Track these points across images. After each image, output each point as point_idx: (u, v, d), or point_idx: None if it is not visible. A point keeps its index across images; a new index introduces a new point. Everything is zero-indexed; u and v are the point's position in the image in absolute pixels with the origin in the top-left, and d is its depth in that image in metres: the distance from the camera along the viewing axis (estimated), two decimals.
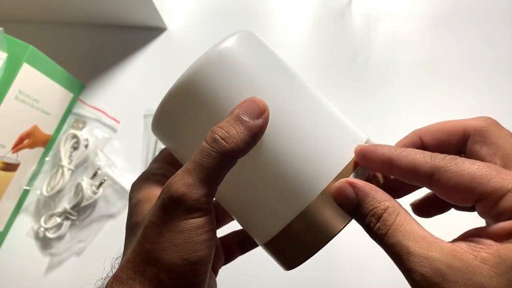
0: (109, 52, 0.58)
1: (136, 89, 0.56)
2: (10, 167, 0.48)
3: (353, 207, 0.21)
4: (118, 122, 0.54)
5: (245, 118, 0.22)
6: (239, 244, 0.32)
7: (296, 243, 0.23)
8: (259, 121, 0.22)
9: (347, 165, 0.23)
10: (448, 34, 0.56)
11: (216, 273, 0.30)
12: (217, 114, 0.23)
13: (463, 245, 0.19)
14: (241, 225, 0.27)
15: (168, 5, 0.59)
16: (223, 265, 0.31)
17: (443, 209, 0.26)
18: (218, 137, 0.21)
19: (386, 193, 0.21)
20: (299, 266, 0.24)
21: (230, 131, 0.21)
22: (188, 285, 0.21)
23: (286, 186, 0.22)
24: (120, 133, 0.54)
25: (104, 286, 0.22)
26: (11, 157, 0.47)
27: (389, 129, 0.52)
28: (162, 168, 0.28)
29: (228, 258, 0.32)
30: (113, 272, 0.22)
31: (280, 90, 0.24)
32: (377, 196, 0.21)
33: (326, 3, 0.59)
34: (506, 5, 0.57)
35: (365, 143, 0.25)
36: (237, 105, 0.22)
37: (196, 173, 0.21)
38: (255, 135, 0.22)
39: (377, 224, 0.20)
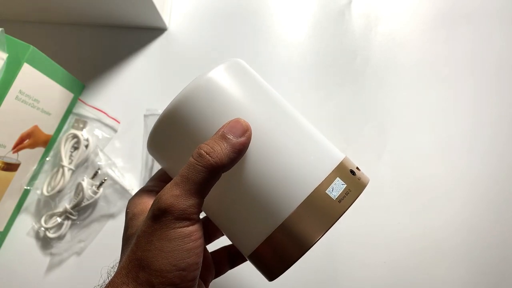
0: (109, 52, 0.58)
1: (136, 89, 0.56)
2: (11, 167, 0.48)
3: None
4: (118, 122, 0.54)
5: (229, 136, 0.24)
6: (229, 259, 0.34)
7: (276, 254, 0.25)
8: (242, 139, 0.24)
9: (324, 180, 0.25)
10: (448, 34, 0.57)
11: (207, 286, 0.31)
12: (204, 134, 0.25)
13: None
14: (228, 238, 0.28)
15: (168, 6, 0.59)
16: (214, 278, 0.33)
17: None
18: (204, 152, 0.24)
19: None
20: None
21: (215, 147, 0.24)
22: None
23: (265, 201, 0.24)
24: (120, 133, 0.54)
25: None
26: (12, 157, 0.47)
27: (388, 129, 0.52)
28: (157, 185, 0.30)
29: (219, 272, 0.34)
30: (109, 279, 0.24)
31: (261, 112, 0.26)
32: None
33: (326, 3, 0.59)
34: (506, 5, 0.57)
35: (343, 160, 0.27)
36: (223, 125, 0.25)
37: (183, 186, 0.23)
38: (239, 151, 0.24)
39: None
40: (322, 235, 0.24)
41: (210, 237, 0.35)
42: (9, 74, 0.43)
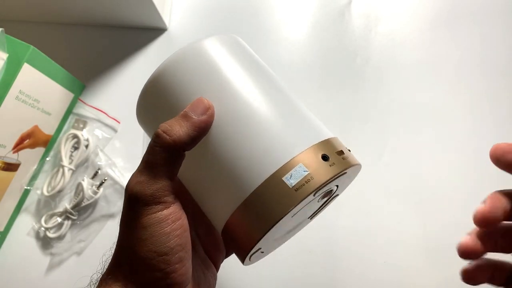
0: (109, 52, 0.58)
1: (136, 89, 0.56)
2: (11, 167, 0.48)
3: None
4: (118, 122, 0.54)
5: (191, 115, 0.24)
6: None
7: (241, 231, 0.24)
8: (203, 117, 0.24)
9: (285, 164, 0.23)
10: (448, 34, 0.56)
11: (217, 267, 0.31)
12: (179, 106, 0.25)
13: None
14: (206, 215, 0.28)
15: (168, 6, 0.59)
16: (225, 258, 0.32)
17: (497, 280, 0.24)
18: (161, 131, 0.23)
19: None
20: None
21: (173, 126, 0.23)
22: (164, 275, 0.23)
23: (231, 175, 0.24)
24: (120, 133, 0.54)
25: (98, 279, 0.25)
26: (12, 157, 0.47)
27: (389, 129, 0.52)
28: None
29: (229, 251, 0.32)
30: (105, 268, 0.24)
31: (236, 88, 0.25)
32: None
33: (326, 3, 0.59)
34: (505, 5, 0.57)
35: (323, 142, 0.25)
36: (187, 105, 0.24)
37: (145, 171, 0.23)
38: (199, 129, 0.23)
39: None
40: (275, 224, 0.23)
41: None
42: (9, 74, 0.43)
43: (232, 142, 0.24)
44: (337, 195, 0.31)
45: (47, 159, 0.53)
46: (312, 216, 0.31)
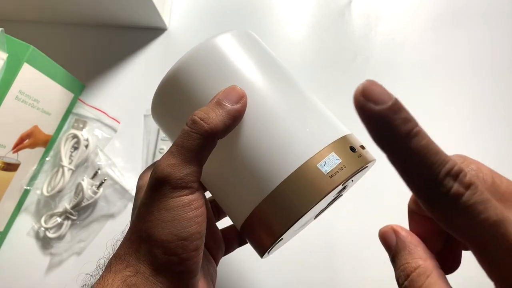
0: (109, 52, 0.58)
1: (136, 89, 0.56)
2: (11, 167, 0.48)
3: (391, 255, 0.20)
4: (118, 122, 0.54)
5: (225, 103, 0.24)
6: (237, 236, 0.33)
7: (263, 227, 0.24)
8: (237, 106, 0.24)
9: (318, 153, 0.24)
10: (448, 34, 0.56)
11: (217, 262, 0.31)
12: (202, 100, 0.25)
13: None
14: (225, 211, 0.28)
15: (168, 5, 0.59)
16: (224, 255, 0.32)
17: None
18: (198, 118, 0.23)
19: (427, 250, 0.20)
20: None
21: (210, 113, 0.23)
22: (179, 260, 0.22)
23: (255, 171, 0.24)
24: (120, 133, 0.54)
25: (105, 263, 0.24)
26: (12, 157, 0.47)
27: None
28: None
29: (228, 249, 0.33)
30: (113, 251, 0.24)
31: (262, 80, 0.26)
32: (414, 252, 0.19)
33: (326, 3, 0.59)
34: (506, 6, 0.57)
35: (346, 136, 0.26)
36: (218, 93, 0.24)
37: (178, 154, 0.23)
38: (234, 118, 0.24)
39: (405, 283, 0.18)
40: (310, 210, 0.23)
41: (218, 214, 0.35)
42: (9, 74, 0.43)
43: (261, 134, 0.24)
44: (341, 195, 0.31)
45: (47, 159, 0.53)
46: (316, 216, 0.31)
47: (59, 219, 0.49)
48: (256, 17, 0.59)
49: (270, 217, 0.24)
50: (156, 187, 0.23)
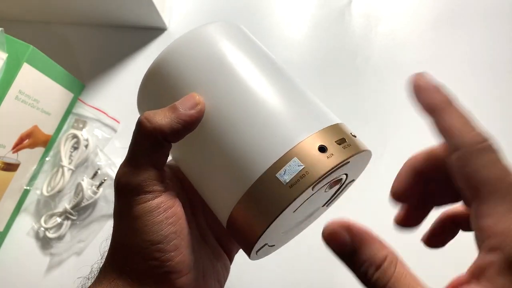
0: (109, 52, 0.58)
1: (136, 89, 0.56)
2: (11, 167, 0.48)
3: (348, 253, 0.20)
4: (118, 122, 0.54)
5: (178, 107, 0.23)
6: None
7: (241, 228, 0.23)
8: (190, 112, 0.23)
9: (279, 159, 0.22)
10: (448, 34, 0.56)
11: (231, 257, 0.30)
12: (172, 100, 0.24)
13: None
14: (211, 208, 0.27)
15: (168, 5, 0.59)
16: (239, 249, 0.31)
17: (452, 233, 0.25)
18: (143, 118, 0.23)
19: (382, 240, 0.20)
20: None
21: (156, 114, 0.23)
22: (160, 263, 0.22)
23: (228, 171, 0.23)
24: (120, 133, 0.54)
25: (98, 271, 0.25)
26: (12, 157, 0.47)
27: (389, 129, 0.52)
28: None
29: None
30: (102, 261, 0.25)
31: (231, 79, 0.24)
32: (377, 242, 0.19)
33: (326, 3, 0.59)
34: (506, 6, 0.57)
35: (330, 126, 0.24)
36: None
37: (131, 161, 0.23)
38: (185, 123, 0.23)
39: (376, 274, 0.18)
40: (287, 207, 0.21)
41: None
42: (9, 74, 0.43)
43: (228, 136, 0.23)
44: (353, 180, 0.29)
45: (47, 159, 0.53)
46: (328, 203, 0.30)
47: (59, 219, 0.49)
48: (256, 17, 0.59)
49: (243, 225, 0.23)
50: (119, 197, 0.23)
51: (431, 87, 0.21)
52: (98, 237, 0.50)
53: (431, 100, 0.20)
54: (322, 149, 0.22)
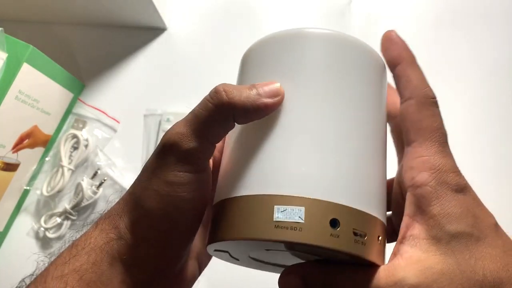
0: (109, 52, 0.58)
1: (136, 89, 0.56)
2: (10, 167, 0.48)
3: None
4: (118, 122, 0.54)
5: (258, 90, 0.21)
6: None
7: (219, 220, 0.21)
8: (267, 100, 0.21)
9: (290, 195, 0.20)
10: (449, 34, 0.56)
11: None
12: (260, 77, 0.23)
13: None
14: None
15: (168, 5, 0.59)
16: None
17: None
18: (222, 89, 0.21)
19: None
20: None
21: (236, 89, 0.21)
22: (163, 236, 0.22)
23: (252, 167, 0.21)
24: (120, 133, 0.54)
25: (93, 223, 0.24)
26: (11, 157, 0.47)
27: (389, 129, 0.52)
28: None
29: None
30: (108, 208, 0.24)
31: (318, 98, 0.22)
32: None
33: (326, 3, 0.59)
34: (506, 6, 0.57)
35: (363, 213, 0.20)
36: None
37: (190, 124, 0.21)
38: (257, 107, 0.21)
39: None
40: (229, 240, 0.20)
41: None
42: (9, 74, 0.43)
43: (280, 141, 0.21)
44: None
45: (47, 159, 0.53)
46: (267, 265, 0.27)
47: (58, 219, 0.49)
48: (256, 17, 0.59)
49: (220, 218, 0.21)
50: (160, 154, 0.22)
51: (401, 43, 0.26)
52: None
53: (399, 55, 0.26)
54: (334, 223, 0.19)
